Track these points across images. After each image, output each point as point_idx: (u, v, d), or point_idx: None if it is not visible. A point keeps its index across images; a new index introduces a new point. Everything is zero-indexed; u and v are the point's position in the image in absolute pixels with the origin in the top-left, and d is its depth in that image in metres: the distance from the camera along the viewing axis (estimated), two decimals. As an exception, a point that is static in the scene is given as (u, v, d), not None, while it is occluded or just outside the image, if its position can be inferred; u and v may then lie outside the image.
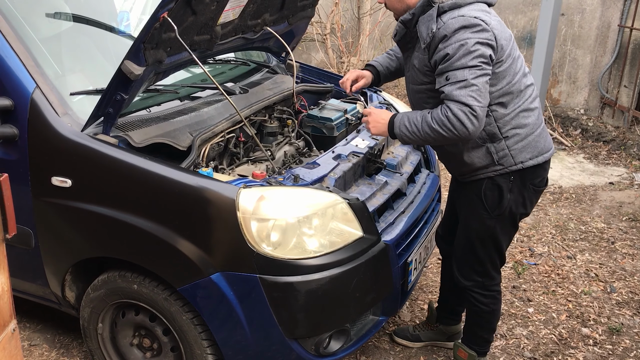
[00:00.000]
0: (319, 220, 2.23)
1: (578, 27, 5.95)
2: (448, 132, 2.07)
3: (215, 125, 2.59)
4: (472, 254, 2.41)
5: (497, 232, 2.34)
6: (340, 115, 3.09)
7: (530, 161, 2.24)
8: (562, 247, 3.79)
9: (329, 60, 6.88)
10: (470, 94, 2.02)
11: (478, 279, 2.44)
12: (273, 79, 3.24)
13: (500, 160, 2.23)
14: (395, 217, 2.57)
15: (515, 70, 2.19)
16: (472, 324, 2.57)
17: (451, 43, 2.04)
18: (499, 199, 2.28)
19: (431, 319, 2.89)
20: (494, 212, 2.30)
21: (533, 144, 2.25)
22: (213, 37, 2.58)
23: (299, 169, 2.40)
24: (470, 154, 2.25)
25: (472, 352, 2.57)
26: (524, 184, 2.28)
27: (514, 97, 2.20)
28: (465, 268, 2.46)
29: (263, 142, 3.02)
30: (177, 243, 2.16)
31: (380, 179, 2.66)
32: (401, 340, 2.90)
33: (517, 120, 2.21)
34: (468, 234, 2.40)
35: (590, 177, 4.92)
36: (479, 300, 2.47)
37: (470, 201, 2.35)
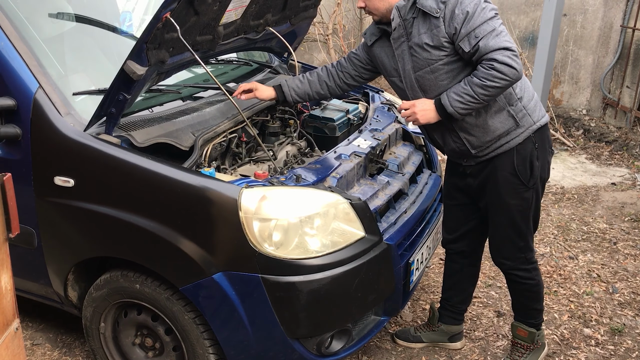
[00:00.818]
0: (321, 220, 2.23)
1: (580, 27, 5.94)
2: (501, 81, 2.13)
3: (217, 126, 2.60)
4: (515, 231, 2.44)
5: (534, 202, 2.42)
6: (342, 115, 3.09)
7: (543, 119, 2.36)
8: (564, 248, 3.78)
9: (331, 60, 6.89)
10: (505, 39, 2.14)
11: (520, 255, 2.48)
12: (275, 79, 3.25)
13: (521, 121, 2.31)
14: (397, 217, 2.57)
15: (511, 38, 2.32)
16: (523, 302, 2.60)
17: (466, 3, 2.14)
18: (530, 169, 2.36)
19: (432, 320, 2.88)
20: (530, 183, 2.37)
21: (538, 105, 2.39)
22: (215, 38, 2.58)
23: (300, 169, 2.41)
24: (494, 120, 2.30)
25: (531, 329, 2.62)
26: (545, 148, 2.38)
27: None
28: (507, 248, 2.48)
29: (265, 142, 3.02)
30: (179, 243, 2.16)
31: (382, 179, 2.66)
32: (402, 342, 2.90)
33: (523, 82, 2.35)
34: (508, 213, 2.41)
35: (593, 178, 4.92)
36: (523, 277, 2.52)
37: (505, 182, 2.37)
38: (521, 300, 2.62)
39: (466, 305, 2.85)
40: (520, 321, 2.64)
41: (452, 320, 2.85)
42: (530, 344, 2.64)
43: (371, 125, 2.96)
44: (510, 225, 2.44)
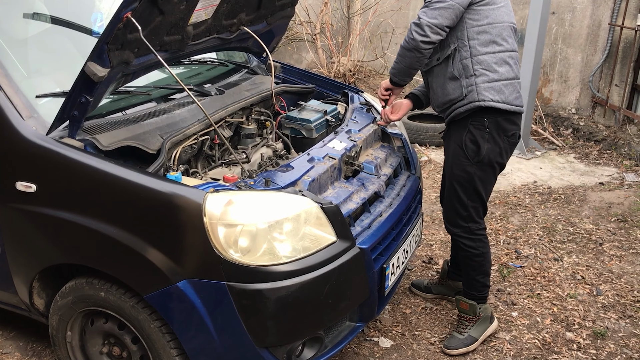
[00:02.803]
0: (290, 225, 2.17)
1: (569, 25, 5.89)
2: (406, 44, 2.58)
3: (187, 128, 2.53)
4: (457, 200, 2.71)
5: (477, 178, 2.66)
6: (319, 116, 3.03)
7: (491, 102, 2.55)
8: (549, 249, 3.73)
9: (319, 60, 6.83)
10: (424, 11, 2.52)
11: (464, 224, 2.73)
12: (252, 80, 3.19)
13: (467, 94, 2.57)
14: (372, 221, 2.51)
15: (499, 19, 2.57)
16: (467, 270, 2.82)
17: None
18: (477, 148, 2.61)
19: (443, 275, 3.20)
20: (474, 159, 2.63)
21: (498, 89, 2.57)
22: (184, 38, 2.52)
23: (271, 172, 2.34)
24: (448, 85, 2.62)
25: (471, 301, 2.83)
26: (499, 135, 2.61)
27: (491, 40, 2.56)
28: (451, 214, 2.76)
29: (240, 144, 2.97)
30: (142, 249, 2.10)
31: (357, 182, 2.60)
32: (415, 290, 3.29)
33: (489, 63, 2.56)
34: (452, 181, 2.71)
35: (580, 178, 4.87)
36: (467, 245, 2.75)
37: (453, 152, 2.69)
38: (466, 269, 2.84)
39: None
40: (463, 294, 2.86)
41: (457, 276, 3.12)
42: (472, 316, 2.84)
43: (348, 126, 2.90)
44: (454, 192, 2.71)
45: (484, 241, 2.78)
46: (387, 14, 6.54)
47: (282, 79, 3.50)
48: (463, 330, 2.84)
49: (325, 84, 3.46)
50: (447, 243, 3.81)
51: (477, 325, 2.84)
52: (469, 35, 2.57)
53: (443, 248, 3.76)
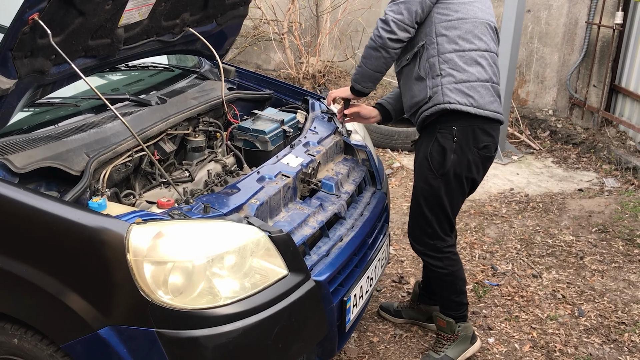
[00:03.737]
0: (233, 258, 1.88)
1: (545, 24, 5.68)
2: (372, 43, 2.38)
3: (119, 144, 2.22)
4: (421, 215, 2.51)
5: (442, 193, 2.43)
6: (275, 126, 2.74)
7: (457, 105, 2.32)
8: (527, 265, 3.49)
9: (288, 61, 6.53)
10: (390, 6, 2.33)
11: (429, 241, 2.52)
12: (201, 86, 2.88)
13: (432, 96, 2.36)
14: (331, 247, 2.23)
15: (471, 14, 2.35)
16: (439, 290, 2.63)
17: None
18: (442, 159, 2.39)
19: (414, 297, 2.96)
20: (438, 172, 2.42)
21: (466, 91, 2.34)
22: (115, 42, 2.21)
23: (212, 196, 2.05)
24: (415, 86, 2.42)
25: (449, 319, 2.61)
26: (468, 146, 2.38)
27: (459, 36, 2.34)
28: (416, 230, 2.56)
29: (187, 158, 2.67)
30: (58, 292, 1.78)
31: (314, 202, 2.32)
32: (383, 314, 3.02)
33: (456, 62, 2.34)
34: (416, 194, 2.52)
35: (559, 184, 4.65)
36: (434, 264, 2.54)
37: (419, 163, 2.49)
38: (437, 289, 2.65)
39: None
40: (440, 312, 2.65)
41: (429, 300, 2.87)
42: (450, 335, 2.62)
43: (306, 138, 2.61)
44: (417, 207, 2.52)
45: (452, 258, 2.56)
46: (357, 12, 6.26)
47: (236, 85, 3.21)
48: (440, 349, 2.62)
49: (284, 90, 3.17)
50: (420, 260, 3.55)
51: (454, 345, 2.61)
52: (437, 31, 2.36)
53: (415, 265, 3.50)
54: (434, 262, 2.54)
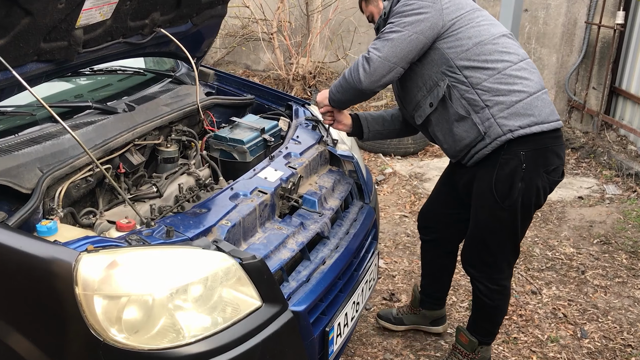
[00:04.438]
0: (199, 289, 1.66)
1: (543, 24, 5.48)
2: (349, 76, 2.16)
3: (77, 157, 2.01)
4: (483, 246, 2.30)
5: (510, 225, 2.22)
6: (255, 135, 2.53)
7: (521, 130, 2.07)
8: (525, 280, 3.29)
9: (278, 61, 6.31)
10: (375, 43, 2.11)
11: (486, 269, 2.33)
12: (175, 92, 2.67)
13: (487, 132, 2.10)
14: (312, 271, 2.02)
15: (486, 33, 2.12)
16: (477, 313, 2.47)
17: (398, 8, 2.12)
18: (509, 189, 2.14)
19: (415, 302, 2.81)
20: (505, 203, 2.17)
21: (523, 112, 2.08)
22: (73, 44, 2.00)
23: (177, 217, 1.83)
24: (459, 128, 2.15)
25: (473, 338, 2.46)
26: (537, 171, 2.13)
27: (487, 60, 2.10)
28: (474, 258, 2.36)
29: (159, 171, 2.46)
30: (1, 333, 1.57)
31: (295, 221, 2.11)
32: (384, 323, 2.86)
33: (498, 87, 2.09)
34: (479, 226, 2.28)
35: (558, 191, 4.45)
36: (483, 292, 2.35)
37: (481, 191, 2.22)
38: (475, 311, 2.48)
39: (444, 292, 2.76)
40: (467, 329, 2.51)
41: (432, 305, 2.77)
42: (469, 353, 2.48)
43: (287, 149, 2.40)
44: (480, 238, 2.30)
45: (503, 292, 2.36)
46: (349, 11, 6.04)
47: (215, 89, 2.99)
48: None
49: (266, 95, 2.96)
50: (412, 273, 3.35)
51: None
52: (457, 65, 2.11)
53: (407, 280, 3.29)
54: (483, 291, 2.35)
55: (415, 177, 4.64)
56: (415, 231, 3.80)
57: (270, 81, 6.50)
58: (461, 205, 2.41)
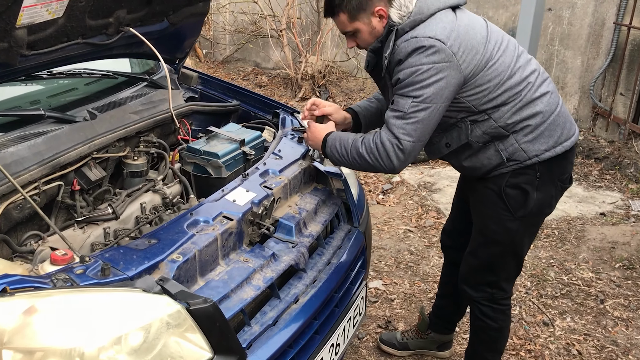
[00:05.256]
0: (138, 339, 1.41)
1: (567, 24, 5.12)
2: (374, 160, 1.92)
3: (18, 174, 1.77)
4: (487, 262, 2.13)
5: (520, 237, 2.06)
6: (233, 148, 2.28)
7: (546, 153, 1.95)
8: (537, 308, 2.98)
9: (287, 60, 6.05)
10: (404, 127, 1.86)
11: (488, 290, 2.17)
12: (148, 97, 2.42)
13: (511, 157, 1.96)
14: (281, 312, 1.75)
15: (504, 66, 1.91)
16: (476, 342, 2.30)
17: (404, 68, 1.84)
18: (523, 198, 1.99)
19: (422, 326, 2.65)
20: (518, 213, 2.00)
21: (547, 133, 1.95)
22: (14, 46, 1.75)
23: (118, 251, 1.58)
24: (479, 157, 1.99)
25: None
26: (552, 179, 2.00)
27: (510, 96, 1.92)
28: (475, 277, 2.18)
29: (125, 185, 2.22)
30: None
31: (265, 252, 1.84)
32: (387, 348, 2.68)
33: (521, 114, 1.93)
34: (484, 237, 2.11)
35: (578, 206, 4.11)
36: (486, 314, 2.19)
37: (488, 199, 2.04)
38: (475, 341, 2.30)
39: (459, 316, 2.60)
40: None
41: (443, 329, 2.61)
42: None
43: (265, 165, 2.14)
44: (483, 252, 2.13)
45: (506, 313, 2.23)
46: (361, 8, 5.76)
47: (199, 94, 2.74)
48: None
49: (253, 101, 2.70)
50: (413, 297, 3.07)
51: None
52: (480, 110, 1.93)
53: (407, 305, 3.01)
54: (486, 311, 2.19)
55: (425, 187, 4.34)
56: (419, 249, 3.52)
57: (278, 80, 6.25)
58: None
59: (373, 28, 1.90)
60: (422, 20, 1.84)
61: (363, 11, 1.86)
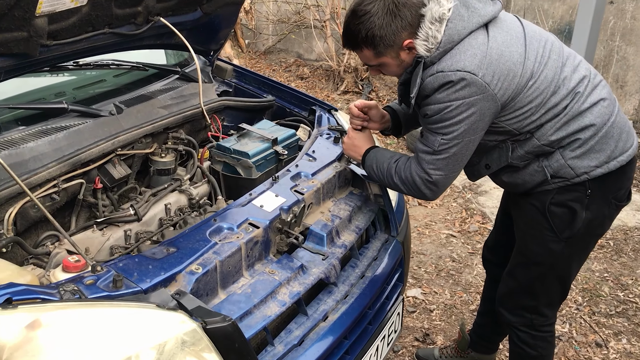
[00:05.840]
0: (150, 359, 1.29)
1: (630, 18, 4.78)
2: (408, 190, 1.81)
3: (35, 172, 1.67)
4: (526, 285, 1.94)
5: (565, 260, 1.85)
6: (264, 147, 2.14)
7: (597, 170, 1.73)
8: (589, 326, 2.76)
9: (329, 51, 5.89)
10: (434, 163, 1.72)
11: (526, 315, 1.98)
12: (178, 90, 2.31)
13: (557, 174, 1.76)
14: (308, 331, 1.61)
15: (547, 82, 1.69)
16: None
17: (431, 104, 1.66)
18: (570, 218, 1.78)
19: (462, 344, 2.45)
20: (563, 234, 1.80)
21: (598, 147, 1.73)
22: (33, 35, 1.65)
23: (132, 260, 1.46)
24: (521, 175, 1.81)
25: None
26: (605, 197, 1.78)
27: (556, 114, 1.71)
28: (513, 300, 2.00)
29: (152, 184, 2.11)
30: None
31: (293, 263, 1.70)
32: None
33: (567, 129, 1.71)
34: (524, 258, 1.92)
35: (636, 215, 3.83)
36: (524, 341, 2.01)
37: (530, 216, 1.85)
38: None
39: (502, 335, 2.41)
40: None
41: (485, 348, 2.44)
42: None
43: (298, 167, 1.99)
44: (522, 273, 1.94)
45: (548, 340, 2.02)
46: (409, -2, 5.53)
47: (233, 88, 2.61)
48: None
49: (289, 96, 2.56)
50: (454, 308, 2.89)
51: None
52: (522, 132, 1.74)
53: (446, 317, 2.83)
54: (523, 338, 2.01)
55: (470, 188, 4.12)
56: (462, 256, 3.32)
57: (320, 72, 6.09)
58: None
59: (402, 61, 1.69)
60: (453, 45, 1.61)
61: (391, 47, 1.64)
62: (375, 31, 1.61)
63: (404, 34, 1.62)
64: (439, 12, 1.59)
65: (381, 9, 1.60)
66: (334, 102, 5.59)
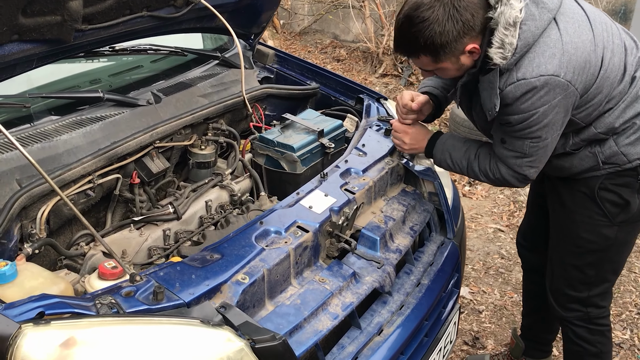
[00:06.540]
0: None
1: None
2: (495, 183, 1.75)
3: (69, 167, 1.56)
4: (577, 275, 1.85)
5: (618, 245, 1.79)
6: (310, 140, 2.00)
7: None
8: (653, 333, 2.57)
9: (368, 32, 5.69)
10: (526, 165, 1.65)
11: (582, 308, 1.90)
12: (219, 77, 2.18)
13: (608, 160, 1.69)
14: (362, 346, 1.47)
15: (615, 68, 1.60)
16: None
17: (515, 113, 1.55)
18: (624, 202, 1.71)
19: (516, 351, 2.34)
20: (616, 219, 1.74)
21: None
22: (68, 19, 1.52)
23: (174, 268, 1.33)
24: (571, 160, 1.73)
25: None
26: None
27: (619, 97, 1.63)
28: (565, 293, 1.90)
29: (191, 177, 1.99)
30: None
31: (345, 270, 1.56)
32: None
33: (624, 115, 1.64)
34: (575, 247, 1.82)
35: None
36: (582, 336, 1.93)
37: (579, 203, 1.77)
38: None
39: (551, 334, 2.29)
40: None
41: (538, 352, 2.30)
42: None
43: (347, 162, 1.84)
44: (571, 262, 1.85)
45: (606, 335, 1.94)
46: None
47: (274, 74, 2.47)
48: None
49: (334, 84, 2.41)
50: (504, 309, 2.72)
51: None
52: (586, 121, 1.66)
53: (496, 318, 2.67)
54: (581, 334, 1.92)
55: (516, 179, 3.91)
56: (512, 252, 3.14)
57: (357, 54, 5.90)
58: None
59: (461, 65, 1.55)
60: (532, 43, 1.49)
61: (451, 53, 1.50)
62: (436, 39, 1.46)
63: (466, 38, 1.48)
64: (512, 16, 1.44)
65: (441, 14, 1.44)
66: (371, 85, 5.40)
